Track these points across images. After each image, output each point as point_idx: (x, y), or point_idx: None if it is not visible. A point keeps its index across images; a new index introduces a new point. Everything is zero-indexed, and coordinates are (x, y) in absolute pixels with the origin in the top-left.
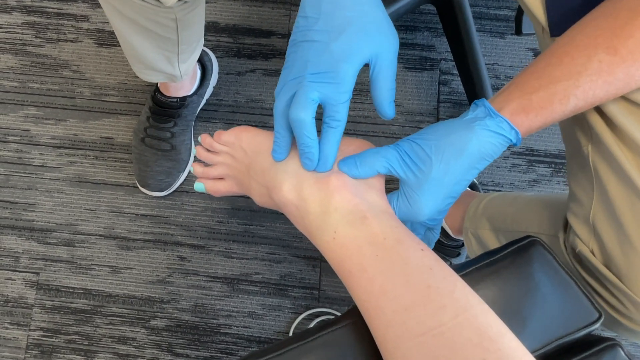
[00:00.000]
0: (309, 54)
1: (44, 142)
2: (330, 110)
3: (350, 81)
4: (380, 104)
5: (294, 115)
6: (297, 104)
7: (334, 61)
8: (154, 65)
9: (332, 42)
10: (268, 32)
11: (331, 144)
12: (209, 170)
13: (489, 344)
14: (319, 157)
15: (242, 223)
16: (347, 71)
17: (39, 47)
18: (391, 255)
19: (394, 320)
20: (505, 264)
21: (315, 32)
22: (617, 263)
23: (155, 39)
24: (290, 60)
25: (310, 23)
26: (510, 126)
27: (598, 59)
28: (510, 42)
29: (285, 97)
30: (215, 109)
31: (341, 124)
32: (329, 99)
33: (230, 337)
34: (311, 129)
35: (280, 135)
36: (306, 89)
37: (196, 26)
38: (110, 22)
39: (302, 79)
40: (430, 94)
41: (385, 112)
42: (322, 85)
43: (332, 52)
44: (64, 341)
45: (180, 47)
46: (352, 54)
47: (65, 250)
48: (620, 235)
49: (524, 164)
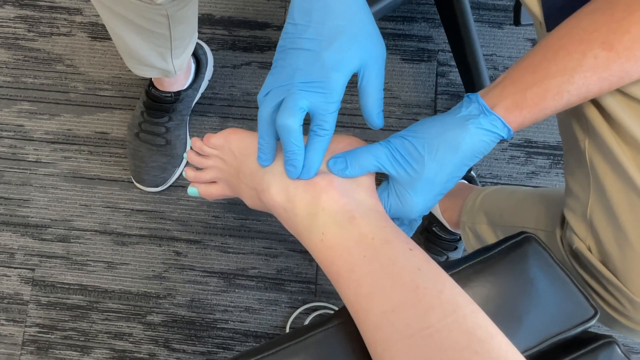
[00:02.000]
0: (298, 62)
1: (37, 137)
2: (318, 120)
3: (340, 91)
4: (369, 114)
5: (281, 122)
6: (285, 111)
7: (325, 71)
8: (147, 60)
9: (324, 51)
10: (263, 24)
11: (317, 152)
12: (200, 175)
13: (477, 346)
14: (303, 165)
15: (238, 218)
16: (337, 81)
17: (31, 41)
18: (379, 256)
19: (382, 321)
20: (500, 261)
21: (306, 40)
22: (614, 260)
23: (148, 35)
24: (278, 66)
25: (299, 30)
26: (503, 124)
27: (593, 54)
28: (508, 32)
29: (271, 104)
30: (210, 102)
31: (329, 133)
32: (318, 109)
33: (227, 332)
34: (298, 136)
35: (264, 141)
36: (295, 97)
37: (189, 21)
38: (101, 18)
39: (291, 86)
40: (428, 86)
41: (374, 122)
42: (311, 94)
43: (324, 62)
44: (60, 337)
45: (173, 43)
46: (343, 63)
47: (60, 246)
48: (617, 232)
49: (523, 156)
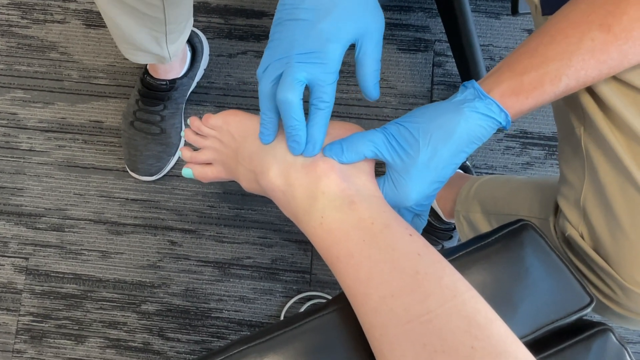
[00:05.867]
0: (295, 33)
1: (31, 125)
2: (317, 92)
3: (337, 61)
4: (365, 85)
5: (281, 96)
6: (284, 85)
7: (321, 41)
8: (141, 45)
9: (320, 21)
10: (260, 12)
11: (319, 127)
12: (197, 155)
13: (477, 331)
14: (306, 141)
15: (234, 207)
16: (334, 51)
17: (25, 28)
18: (378, 241)
19: (381, 307)
20: (497, 248)
21: (302, 10)
22: (606, 247)
23: (142, 18)
24: (275, 39)
25: (296, 1)
26: (500, 108)
27: (591, 37)
28: (505, 22)
29: (270, 78)
30: (206, 91)
31: (329, 105)
32: (316, 80)
33: (222, 321)
34: (298, 110)
35: (266, 117)
36: (293, 70)
37: (184, 5)
38: (95, 1)
39: (288, 59)
40: (424, 76)
41: (371, 93)
42: (309, 66)
43: (320, 32)
44: (54, 326)
45: (168, 27)
46: (340, 33)
47: (54, 235)
48: (610, 220)
49: (518, 146)
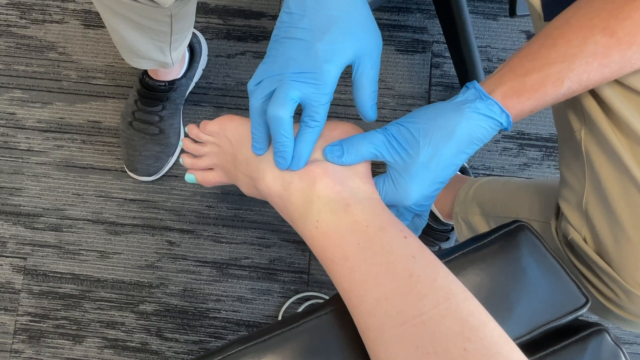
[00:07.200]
0: (292, 52)
1: (30, 125)
2: (310, 111)
3: (332, 83)
4: (363, 106)
5: (272, 113)
6: (276, 101)
7: (318, 61)
8: (145, 54)
9: (317, 42)
10: (258, 13)
11: (306, 144)
12: (197, 161)
13: (470, 333)
14: (292, 156)
15: (232, 207)
16: (330, 72)
17: (24, 28)
18: (373, 244)
19: (376, 309)
20: (493, 249)
21: (300, 29)
22: (609, 250)
23: (148, 32)
24: (271, 56)
25: (294, 20)
26: (501, 109)
27: (594, 40)
28: (503, 24)
29: (262, 94)
30: (204, 92)
31: (320, 124)
32: (309, 100)
33: (219, 321)
34: (288, 127)
35: (257, 131)
36: (287, 87)
37: (189, 17)
38: (101, 16)
39: (283, 76)
40: (422, 77)
41: (368, 115)
42: (303, 85)
43: (317, 52)
44: (52, 326)
45: (173, 37)
46: (336, 54)
47: (52, 235)
48: (612, 222)
49: (515, 147)
